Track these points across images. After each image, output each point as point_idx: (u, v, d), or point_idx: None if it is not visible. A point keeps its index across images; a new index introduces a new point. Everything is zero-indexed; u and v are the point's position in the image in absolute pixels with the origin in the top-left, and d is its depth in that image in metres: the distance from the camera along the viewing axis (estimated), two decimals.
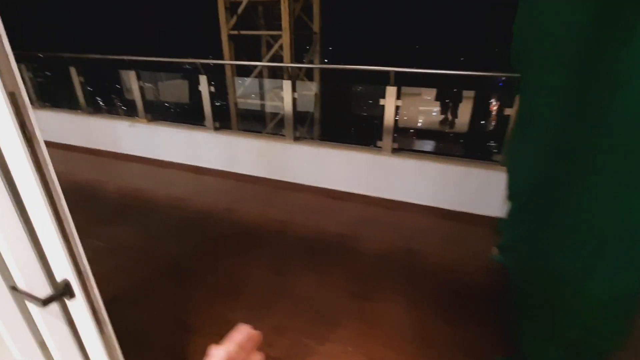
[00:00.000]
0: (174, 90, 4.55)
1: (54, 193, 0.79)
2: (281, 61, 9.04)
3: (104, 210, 3.40)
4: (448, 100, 5.08)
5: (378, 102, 3.29)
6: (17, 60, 0.72)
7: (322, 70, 9.67)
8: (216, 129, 4.10)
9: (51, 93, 5.24)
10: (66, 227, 0.83)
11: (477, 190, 3.12)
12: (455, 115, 5.02)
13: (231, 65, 8.32)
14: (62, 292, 0.87)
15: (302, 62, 9.94)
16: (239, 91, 7.78)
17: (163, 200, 3.62)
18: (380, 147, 3.43)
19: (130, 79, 4.30)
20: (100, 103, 5.00)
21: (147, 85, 4.52)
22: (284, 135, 3.84)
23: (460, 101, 4.84)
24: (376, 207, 3.45)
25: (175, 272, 2.50)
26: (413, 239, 2.93)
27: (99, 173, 4.39)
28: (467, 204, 3.21)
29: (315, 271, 2.49)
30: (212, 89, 3.93)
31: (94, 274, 0.91)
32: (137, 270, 2.52)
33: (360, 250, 2.75)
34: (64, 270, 0.86)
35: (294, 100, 3.63)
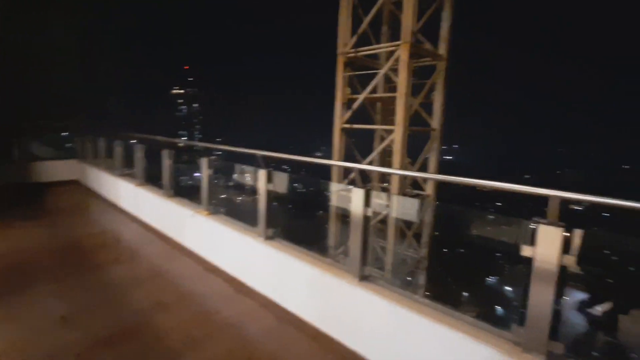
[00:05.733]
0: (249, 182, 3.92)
1: None
2: (391, 155, 8.18)
3: (102, 332, 2.55)
4: None
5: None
6: None
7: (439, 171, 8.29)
8: (268, 237, 3.07)
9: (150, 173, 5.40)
10: None
11: None
12: None
13: (336, 163, 7.86)
14: None
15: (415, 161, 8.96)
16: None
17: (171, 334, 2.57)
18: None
19: (202, 166, 3.87)
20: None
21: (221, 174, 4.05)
22: (340, 264, 2.49)
23: None
24: None
25: None
26: None
27: (149, 266, 3.81)
28: None
29: None
30: (272, 186, 3.03)
31: None
32: None
33: None
34: None
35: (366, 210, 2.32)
